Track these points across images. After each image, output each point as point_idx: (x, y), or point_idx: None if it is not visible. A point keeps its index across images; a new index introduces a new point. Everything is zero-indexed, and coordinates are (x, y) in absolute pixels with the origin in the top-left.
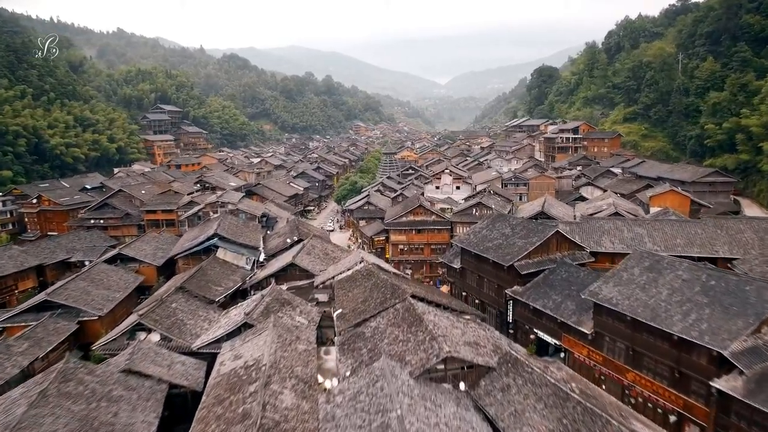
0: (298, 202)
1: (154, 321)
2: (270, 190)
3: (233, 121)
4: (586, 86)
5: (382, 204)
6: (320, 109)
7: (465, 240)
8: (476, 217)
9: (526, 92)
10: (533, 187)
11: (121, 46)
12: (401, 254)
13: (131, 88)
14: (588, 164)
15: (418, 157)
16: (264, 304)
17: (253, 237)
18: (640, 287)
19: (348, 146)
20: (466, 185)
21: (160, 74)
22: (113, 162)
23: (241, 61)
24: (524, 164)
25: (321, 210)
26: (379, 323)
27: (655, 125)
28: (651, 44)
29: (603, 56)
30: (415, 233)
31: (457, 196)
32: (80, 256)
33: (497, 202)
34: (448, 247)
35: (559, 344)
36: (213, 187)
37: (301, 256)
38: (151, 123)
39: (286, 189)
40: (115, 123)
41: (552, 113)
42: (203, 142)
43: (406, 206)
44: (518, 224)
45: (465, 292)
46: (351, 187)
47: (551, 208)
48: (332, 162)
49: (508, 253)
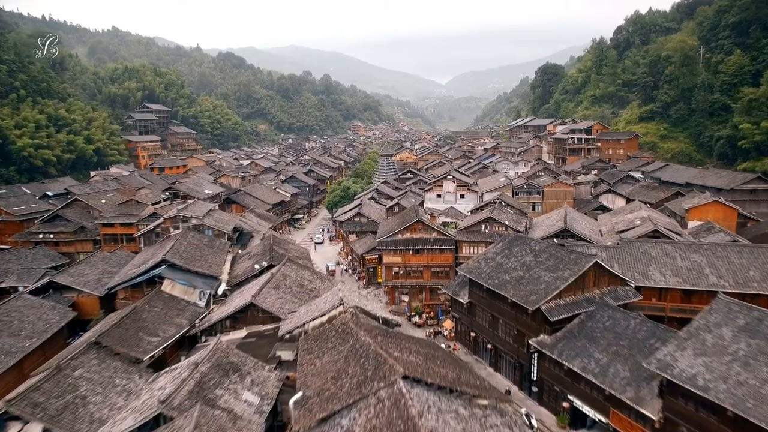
0: (285, 209)
1: (33, 406)
2: (252, 198)
3: (225, 121)
4: (594, 84)
5: (375, 215)
6: (318, 108)
7: (475, 269)
8: (486, 234)
9: (529, 91)
10: (548, 195)
11: (113, 45)
12: (396, 278)
13: (117, 86)
14: (604, 168)
15: (417, 159)
16: (196, 377)
17: (216, 261)
18: (739, 361)
19: (345, 147)
20: (471, 193)
21: (148, 72)
22: (90, 165)
23: (237, 60)
24: (532, 167)
25: (312, 217)
26: (353, 422)
27: (675, 125)
28: (670, 37)
29: (612, 53)
30: (412, 254)
31: (461, 206)
32: (13, 281)
33: (510, 216)
34: (452, 269)
35: (605, 422)
36: (184, 196)
37: (264, 294)
38: (137, 123)
39: (271, 196)
40: (95, 123)
41: (558, 112)
42: (192, 143)
43: (403, 221)
44: (542, 250)
45: (474, 332)
46: (343, 193)
47: (574, 223)
48: (326, 164)
49: (532, 292)
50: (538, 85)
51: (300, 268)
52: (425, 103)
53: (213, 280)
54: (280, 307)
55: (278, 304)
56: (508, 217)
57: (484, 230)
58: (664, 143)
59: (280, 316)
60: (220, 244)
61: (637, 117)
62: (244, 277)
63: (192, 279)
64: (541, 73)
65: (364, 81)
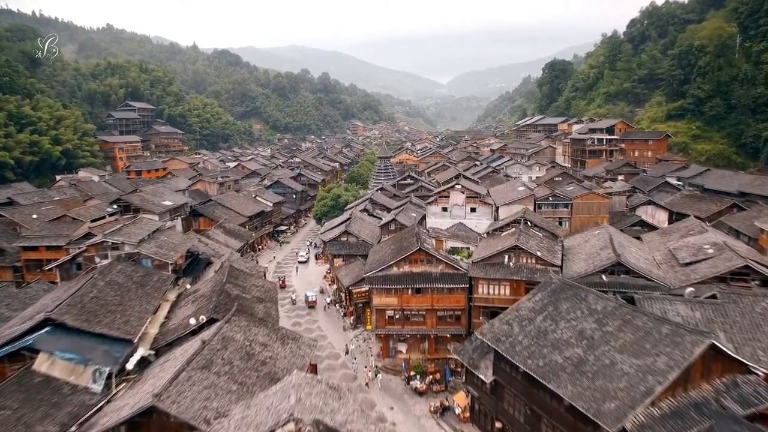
0: (266, 221)
1: None
2: (224, 209)
3: (215, 120)
4: (607, 81)
5: (366, 233)
6: (315, 107)
7: (504, 337)
8: (511, 269)
9: (533, 89)
10: (578, 209)
11: (105, 42)
12: (390, 324)
13: (98, 83)
14: (633, 173)
15: (418, 161)
16: None
17: (140, 311)
18: None
19: (341, 147)
20: (484, 206)
21: (133, 68)
22: (59, 168)
23: (232, 57)
24: (547, 171)
25: (299, 228)
26: None
27: (710, 123)
28: (702, 25)
29: (627, 47)
30: (411, 294)
31: (472, 221)
32: None
33: (540, 241)
34: (464, 313)
35: None
36: (136, 209)
37: (180, 386)
38: (118, 122)
39: (249, 205)
40: (65, 122)
41: (569, 111)
42: (178, 144)
43: (399, 248)
44: (609, 312)
45: (500, 422)
46: (333, 202)
47: (624, 250)
48: (318, 167)
49: (605, 393)
50: (546, 83)
51: (253, 324)
52: (426, 103)
53: (124, 345)
54: (202, 408)
55: (201, 403)
56: (538, 244)
57: (507, 262)
58: (698, 144)
59: (200, 427)
60: (158, 281)
61: (664, 114)
62: (176, 336)
63: (88, 347)
64: (548, 70)
65: (364, 80)
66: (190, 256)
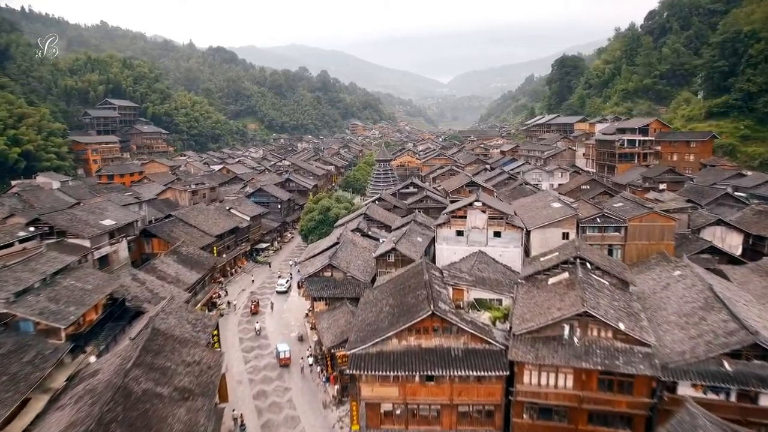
0: (242, 238)
1: None
2: (187, 227)
3: (205, 119)
4: (625, 77)
5: (357, 265)
6: (313, 106)
7: None
8: (575, 349)
9: (537, 88)
10: (634, 233)
11: (96, 38)
12: (387, 423)
13: (76, 79)
14: (678, 180)
15: (421, 164)
16: None
17: None
18: None
19: (339, 148)
20: (511, 229)
21: (115, 63)
22: (16, 172)
23: (228, 55)
24: (571, 178)
25: (284, 243)
26: None
27: (763, 121)
28: (751, 8)
29: (648, 39)
30: (420, 382)
31: (495, 249)
32: None
33: (611, 297)
34: (499, 410)
35: None
36: (61, 232)
37: None
38: (95, 121)
39: (219, 221)
40: (27, 120)
41: (583, 109)
42: (162, 145)
43: (401, 304)
44: None
45: None
46: (321, 216)
47: (743, 312)
48: (310, 171)
49: None
50: (555, 80)
51: None
52: (427, 102)
53: None
54: None
55: None
56: (611, 303)
57: (570, 338)
58: (748, 146)
59: None
60: (33, 361)
61: (703, 112)
62: None
63: None
64: (558, 67)
65: (365, 80)
66: (110, 305)
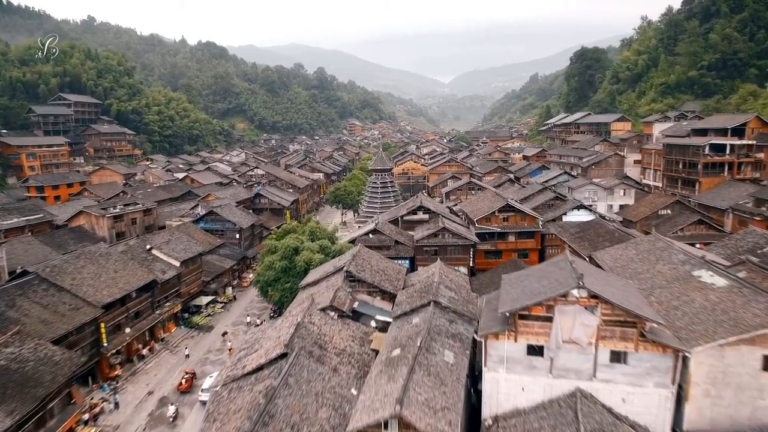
0: (165, 296)
1: None
2: (57, 292)
3: (181, 119)
4: (662, 69)
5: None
6: (308, 105)
7: None
8: None
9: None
10: None
11: (77, 32)
12: None
13: (24, 70)
14: None
15: (428, 172)
16: None
17: None
18: None
19: (332, 151)
20: (651, 348)
21: (76, 54)
22: None
23: (218, 50)
24: (636, 196)
25: (244, 288)
26: None
27: None
28: None
29: (694, 24)
30: None
31: (615, 390)
32: None
33: None
34: None
35: None
36: None
37: None
38: (42, 119)
39: (123, 276)
40: None
41: (613, 106)
42: (127, 147)
43: None
44: None
45: None
46: (286, 262)
47: None
48: (290, 183)
49: None
50: (575, 75)
51: None
52: (428, 102)
53: None
54: None
55: None
56: None
57: None
58: None
59: None
60: None
61: None
62: None
63: None
64: (578, 60)
65: (365, 79)
66: None
